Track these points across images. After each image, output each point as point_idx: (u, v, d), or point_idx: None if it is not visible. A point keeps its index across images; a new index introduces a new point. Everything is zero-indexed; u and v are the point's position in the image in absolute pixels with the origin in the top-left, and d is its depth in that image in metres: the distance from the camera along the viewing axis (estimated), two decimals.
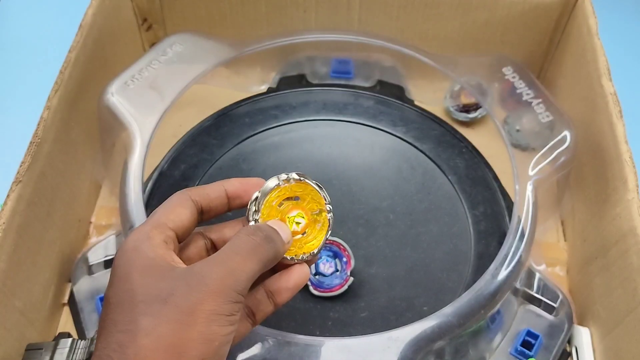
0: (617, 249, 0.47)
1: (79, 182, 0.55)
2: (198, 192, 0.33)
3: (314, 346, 0.39)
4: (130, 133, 0.49)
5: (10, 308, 0.43)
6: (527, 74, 0.55)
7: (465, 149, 0.56)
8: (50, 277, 0.49)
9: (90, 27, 0.55)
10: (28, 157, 0.45)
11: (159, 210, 0.32)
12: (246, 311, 0.33)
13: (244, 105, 0.60)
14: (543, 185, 0.49)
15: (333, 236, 0.49)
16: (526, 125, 0.52)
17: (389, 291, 0.47)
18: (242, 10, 0.65)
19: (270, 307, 0.33)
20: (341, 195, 0.53)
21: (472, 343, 0.45)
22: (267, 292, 0.33)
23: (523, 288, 0.49)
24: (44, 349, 0.44)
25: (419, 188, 0.54)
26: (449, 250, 0.50)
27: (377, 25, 0.64)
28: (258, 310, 0.33)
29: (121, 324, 0.27)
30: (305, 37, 0.59)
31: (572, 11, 0.60)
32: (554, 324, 0.49)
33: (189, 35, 0.57)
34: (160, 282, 0.28)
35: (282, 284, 0.33)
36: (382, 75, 0.64)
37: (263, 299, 0.33)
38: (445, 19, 0.63)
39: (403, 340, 0.39)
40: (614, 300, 0.46)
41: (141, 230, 0.30)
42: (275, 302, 0.33)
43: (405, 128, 0.58)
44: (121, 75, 0.53)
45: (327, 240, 0.36)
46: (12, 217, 0.43)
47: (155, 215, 0.32)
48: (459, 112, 0.64)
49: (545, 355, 0.48)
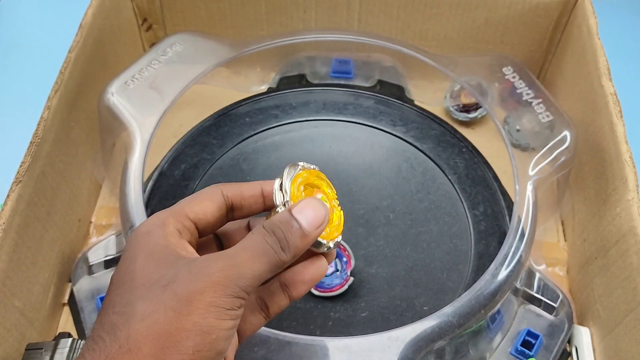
0: (617, 249, 0.47)
1: (79, 182, 0.55)
2: (231, 188, 0.32)
3: (314, 346, 0.39)
4: (130, 133, 0.49)
5: (10, 308, 0.43)
6: (527, 74, 0.55)
7: (465, 149, 0.56)
8: (50, 277, 0.49)
9: (90, 27, 0.55)
10: (28, 157, 0.45)
11: (185, 199, 0.31)
12: (259, 304, 0.31)
13: (244, 105, 0.60)
14: (543, 185, 0.49)
15: None
16: (526, 125, 0.52)
17: (389, 291, 0.47)
18: (242, 10, 0.65)
19: (285, 301, 0.31)
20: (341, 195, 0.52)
21: (472, 343, 0.45)
22: (282, 284, 0.31)
23: (523, 288, 0.49)
24: (44, 349, 0.44)
25: (419, 188, 0.54)
26: (449, 250, 0.50)
27: (377, 25, 0.64)
28: (272, 303, 0.31)
29: (118, 306, 0.27)
30: (305, 37, 0.59)
31: (572, 11, 0.60)
32: (554, 323, 0.49)
33: (189, 35, 0.57)
34: (163, 269, 0.27)
35: (298, 277, 0.31)
36: (382, 75, 0.64)
37: (277, 292, 0.31)
38: (445, 18, 0.63)
39: (403, 340, 0.39)
40: (614, 300, 0.46)
41: (158, 216, 0.30)
42: (290, 295, 0.31)
43: (405, 128, 0.58)
44: (121, 75, 0.52)
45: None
46: (12, 217, 0.43)
47: (179, 203, 0.31)
48: (459, 112, 0.64)
49: (545, 355, 0.48)
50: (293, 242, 0.29)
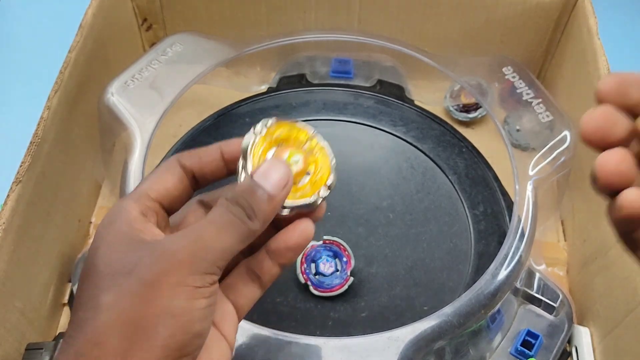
0: (617, 249, 0.46)
1: (79, 182, 0.55)
2: (189, 156, 0.30)
3: (314, 346, 0.39)
4: (130, 133, 0.49)
5: (10, 308, 0.43)
6: (527, 74, 0.55)
7: (465, 149, 0.56)
8: (50, 277, 0.49)
9: (90, 27, 0.55)
10: (28, 157, 0.45)
11: (144, 180, 0.29)
12: (250, 275, 0.30)
13: (244, 105, 0.60)
14: (543, 185, 0.49)
15: (333, 236, 0.49)
16: (526, 125, 0.52)
17: (389, 291, 0.47)
18: (242, 10, 0.65)
19: (276, 269, 0.29)
20: (341, 195, 0.53)
21: (472, 343, 0.45)
22: (269, 252, 0.29)
23: (523, 288, 0.49)
24: (44, 349, 0.44)
25: (419, 188, 0.54)
26: (449, 250, 0.50)
27: (377, 25, 0.64)
28: (263, 273, 0.29)
29: (84, 301, 0.26)
30: (305, 37, 0.59)
31: (572, 11, 0.60)
32: (554, 323, 0.49)
33: (189, 35, 0.57)
34: (127, 255, 0.26)
35: (281, 244, 0.29)
36: (382, 75, 0.64)
37: (265, 260, 0.29)
38: (445, 19, 0.63)
39: (403, 340, 0.39)
40: (614, 300, 0.46)
41: (120, 203, 0.28)
42: (280, 263, 0.29)
43: (405, 128, 0.58)
44: (121, 75, 0.52)
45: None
46: (12, 217, 0.43)
47: (139, 186, 0.29)
48: (459, 112, 0.64)
49: (545, 355, 0.48)
50: (260, 208, 0.27)
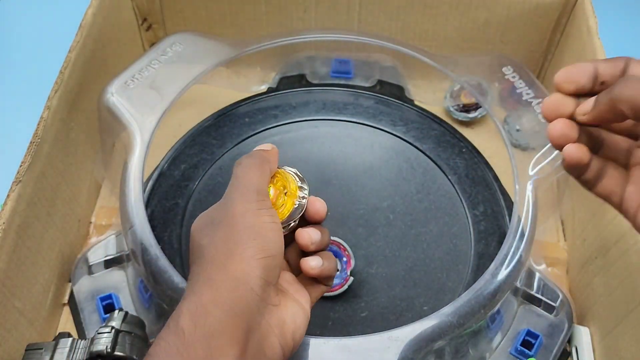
0: (617, 249, 0.47)
1: (79, 182, 0.55)
2: None
3: (314, 346, 0.39)
4: (130, 133, 0.49)
5: (10, 308, 0.43)
6: (527, 74, 0.55)
7: (465, 149, 0.56)
8: (50, 277, 0.49)
9: (90, 27, 0.55)
10: (28, 157, 0.45)
11: None
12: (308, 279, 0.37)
13: (244, 105, 0.60)
14: (543, 185, 0.49)
15: (333, 236, 0.49)
16: (526, 125, 0.52)
17: (389, 291, 0.47)
18: (242, 10, 0.65)
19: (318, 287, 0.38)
20: (341, 195, 0.53)
21: (472, 343, 0.45)
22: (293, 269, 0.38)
23: (523, 288, 0.49)
24: (44, 349, 0.44)
25: (419, 188, 0.54)
26: (448, 250, 0.50)
27: (377, 25, 0.64)
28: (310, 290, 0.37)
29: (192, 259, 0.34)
30: (305, 37, 0.59)
31: (572, 11, 0.60)
32: (554, 323, 0.49)
33: (189, 35, 0.57)
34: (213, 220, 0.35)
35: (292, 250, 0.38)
36: (382, 75, 0.64)
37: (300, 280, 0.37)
38: (445, 19, 0.63)
39: (403, 340, 0.39)
40: (614, 300, 0.46)
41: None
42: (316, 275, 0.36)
43: (405, 128, 0.58)
44: (121, 75, 0.52)
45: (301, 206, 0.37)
46: (12, 217, 0.43)
47: None
48: (459, 112, 0.64)
49: (545, 355, 0.48)
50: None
